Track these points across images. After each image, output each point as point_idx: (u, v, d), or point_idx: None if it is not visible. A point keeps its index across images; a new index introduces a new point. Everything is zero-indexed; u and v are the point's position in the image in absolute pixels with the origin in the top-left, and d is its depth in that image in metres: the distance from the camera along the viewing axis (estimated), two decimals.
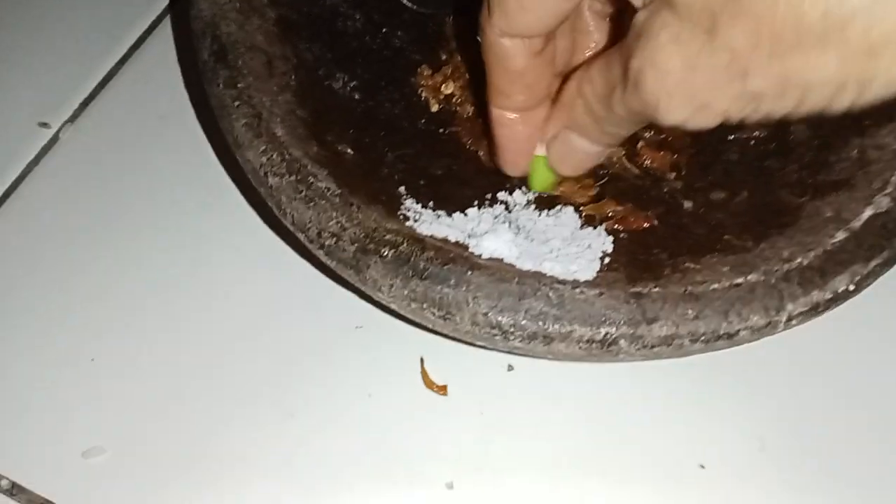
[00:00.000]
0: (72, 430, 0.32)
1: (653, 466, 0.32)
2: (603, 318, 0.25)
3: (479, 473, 0.31)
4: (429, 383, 0.33)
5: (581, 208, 0.31)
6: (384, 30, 0.37)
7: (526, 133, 0.28)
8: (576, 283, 0.26)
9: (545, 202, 0.32)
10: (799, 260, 0.26)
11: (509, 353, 0.29)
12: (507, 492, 0.31)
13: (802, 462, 0.32)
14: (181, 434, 0.32)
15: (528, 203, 0.32)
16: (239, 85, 0.30)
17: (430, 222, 0.29)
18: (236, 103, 0.30)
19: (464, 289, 0.26)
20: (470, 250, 0.27)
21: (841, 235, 0.27)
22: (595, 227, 0.30)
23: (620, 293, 0.26)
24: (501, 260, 0.27)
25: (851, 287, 0.26)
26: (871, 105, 0.21)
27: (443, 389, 0.33)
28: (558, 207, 0.31)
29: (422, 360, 0.34)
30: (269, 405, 0.33)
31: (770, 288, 0.26)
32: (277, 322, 0.35)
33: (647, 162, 0.33)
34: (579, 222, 0.30)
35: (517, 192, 0.32)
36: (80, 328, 0.35)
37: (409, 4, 0.38)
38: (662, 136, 0.34)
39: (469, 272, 0.26)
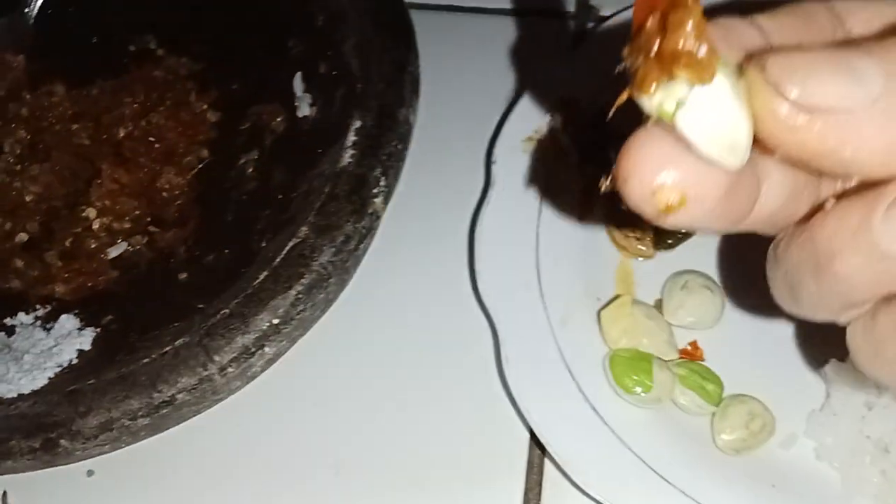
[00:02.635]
0: None
1: None
2: (38, 426, 0.26)
3: None
4: None
5: None
6: None
7: None
8: (13, 399, 0.27)
9: (46, 317, 0.32)
10: (223, 311, 0.28)
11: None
12: None
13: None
14: None
15: (35, 321, 0.33)
16: None
17: None
18: None
19: None
20: None
21: (262, 275, 0.29)
22: (82, 329, 0.31)
23: (55, 396, 0.27)
24: None
25: (276, 321, 0.28)
26: None
27: None
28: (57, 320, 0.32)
29: (4, 494, 0.34)
30: None
31: (193, 347, 0.27)
32: None
33: (161, 243, 0.34)
34: (76, 326, 0.31)
35: (21, 314, 0.33)
36: None
37: None
38: (175, 212, 0.35)
39: None
